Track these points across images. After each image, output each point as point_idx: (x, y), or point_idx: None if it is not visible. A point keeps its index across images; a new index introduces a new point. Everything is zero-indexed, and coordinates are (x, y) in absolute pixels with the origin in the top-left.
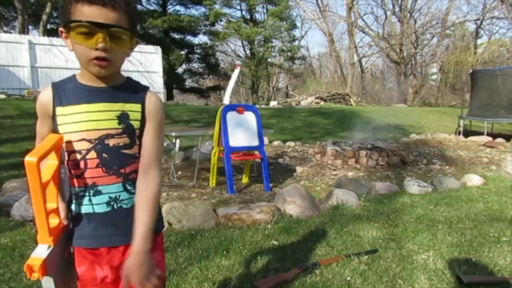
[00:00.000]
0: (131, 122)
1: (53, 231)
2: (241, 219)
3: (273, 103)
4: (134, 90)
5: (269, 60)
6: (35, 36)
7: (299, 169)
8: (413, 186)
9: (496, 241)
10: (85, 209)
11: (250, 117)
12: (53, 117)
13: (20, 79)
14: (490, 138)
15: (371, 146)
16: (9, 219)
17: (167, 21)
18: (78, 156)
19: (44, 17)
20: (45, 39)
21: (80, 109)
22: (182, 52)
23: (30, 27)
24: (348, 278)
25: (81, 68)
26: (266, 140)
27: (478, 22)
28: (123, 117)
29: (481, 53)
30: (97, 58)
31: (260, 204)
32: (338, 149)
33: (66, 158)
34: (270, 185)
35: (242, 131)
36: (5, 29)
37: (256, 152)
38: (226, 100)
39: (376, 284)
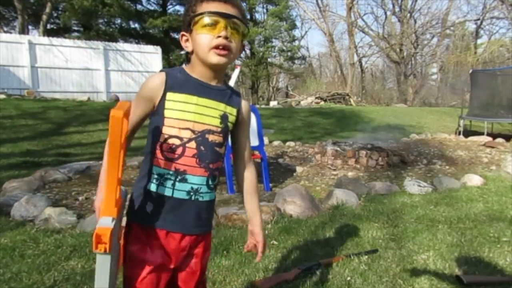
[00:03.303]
0: (228, 123)
1: (118, 202)
2: (241, 219)
3: (273, 103)
4: (232, 95)
5: (269, 60)
6: (35, 36)
7: (299, 169)
8: (413, 186)
9: (496, 241)
10: (164, 190)
11: (250, 117)
12: (161, 100)
13: (20, 79)
14: (490, 138)
15: (371, 146)
16: (9, 219)
17: (167, 21)
18: (178, 142)
19: (44, 17)
20: (45, 39)
21: (191, 99)
22: (182, 52)
23: (30, 27)
24: (348, 278)
25: (193, 63)
26: (266, 140)
27: (478, 22)
28: (224, 118)
29: (481, 53)
30: (217, 47)
31: (260, 204)
32: (338, 149)
33: (161, 140)
34: (270, 185)
35: None
36: (5, 29)
37: (256, 152)
38: None
39: (376, 284)
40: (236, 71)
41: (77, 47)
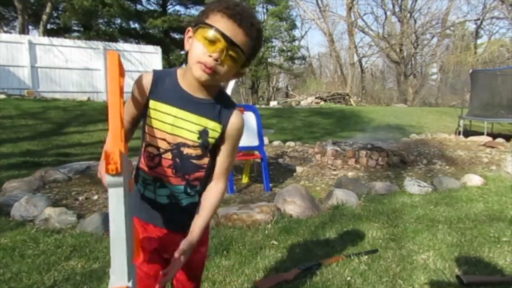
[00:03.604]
0: (209, 139)
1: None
2: (241, 219)
3: (273, 103)
4: (221, 109)
5: (269, 60)
6: (35, 36)
7: (299, 169)
8: (413, 186)
9: (496, 241)
10: (148, 194)
11: (250, 117)
12: (145, 106)
13: (20, 79)
14: (490, 138)
15: (371, 146)
16: (9, 219)
17: (167, 21)
18: (156, 152)
19: (44, 17)
20: (45, 39)
21: (170, 111)
22: (182, 52)
23: (30, 27)
24: (348, 278)
25: (186, 70)
26: (266, 140)
27: (478, 22)
28: (203, 133)
29: (481, 53)
30: (205, 64)
31: (260, 204)
32: (338, 149)
33: (144, 145)
34: (270, 185)
35: None
36: (5, 29)
37: (256, 152)
38: None
39: (376, 284)
40: None
41: (77, 47)
